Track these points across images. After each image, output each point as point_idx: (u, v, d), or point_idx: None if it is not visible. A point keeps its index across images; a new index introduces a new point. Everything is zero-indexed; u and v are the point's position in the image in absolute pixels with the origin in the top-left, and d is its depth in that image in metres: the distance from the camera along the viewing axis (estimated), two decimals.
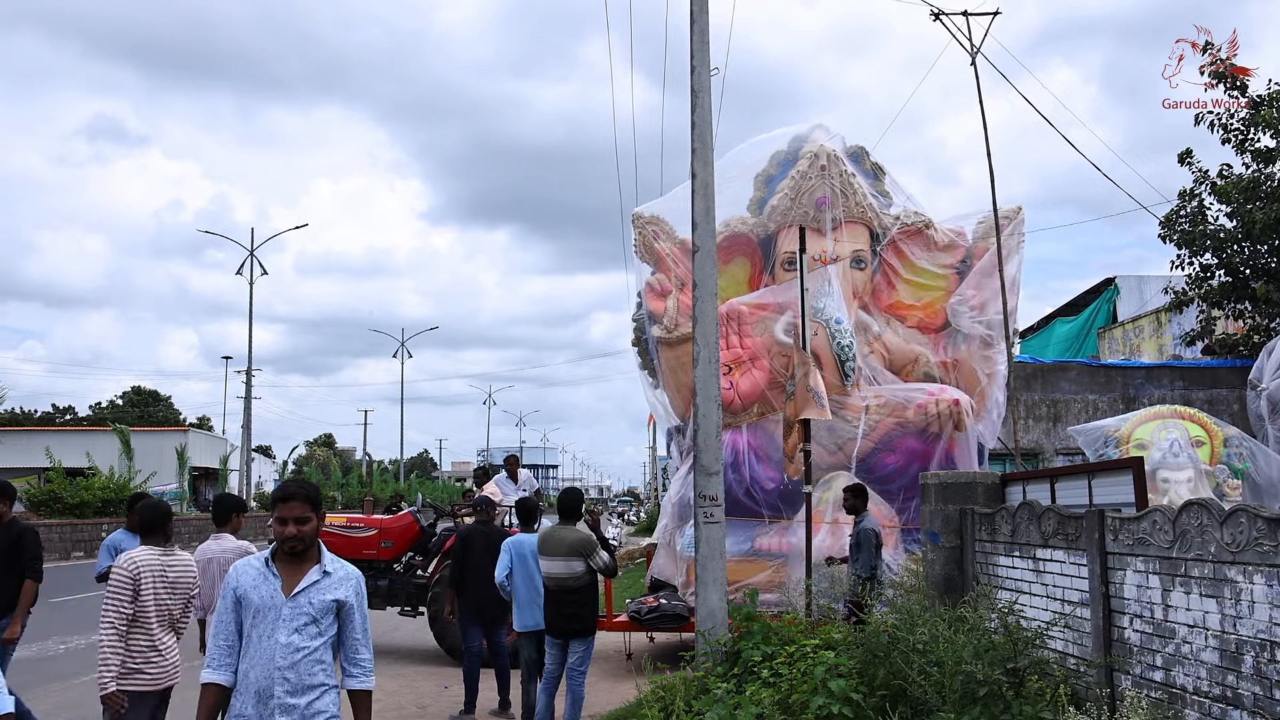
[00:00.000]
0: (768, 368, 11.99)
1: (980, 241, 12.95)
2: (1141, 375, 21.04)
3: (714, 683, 7.31)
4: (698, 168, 9.23)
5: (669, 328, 12.59)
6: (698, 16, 9.40)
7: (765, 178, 12.89)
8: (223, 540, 7.23)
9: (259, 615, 4.16)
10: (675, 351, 12.61)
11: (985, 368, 12.64)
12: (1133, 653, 5.93)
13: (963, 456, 12.01)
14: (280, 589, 4.18)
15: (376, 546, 13.20)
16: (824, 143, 12.78)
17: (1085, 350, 28.15)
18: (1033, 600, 7.30)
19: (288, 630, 4.12)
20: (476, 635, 9.73)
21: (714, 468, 8.80)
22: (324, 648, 4.20)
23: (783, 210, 12.64)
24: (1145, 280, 29.37)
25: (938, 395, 11.86)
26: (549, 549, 8.03)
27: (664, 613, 11.54)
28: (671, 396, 13.09)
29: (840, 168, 12.66)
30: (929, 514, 8.95)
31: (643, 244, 12.95)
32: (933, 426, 11.75)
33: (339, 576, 4.28)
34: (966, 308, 12.51)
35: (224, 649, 4.19)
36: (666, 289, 12.74)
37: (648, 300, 12.90)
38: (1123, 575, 6.08)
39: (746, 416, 12.03)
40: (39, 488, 34.86)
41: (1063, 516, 6.94)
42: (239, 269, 43.21)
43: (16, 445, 44.21)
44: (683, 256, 12.70)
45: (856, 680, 6.48)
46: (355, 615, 4.29)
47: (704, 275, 9.07)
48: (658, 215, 12.99)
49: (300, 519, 4.21)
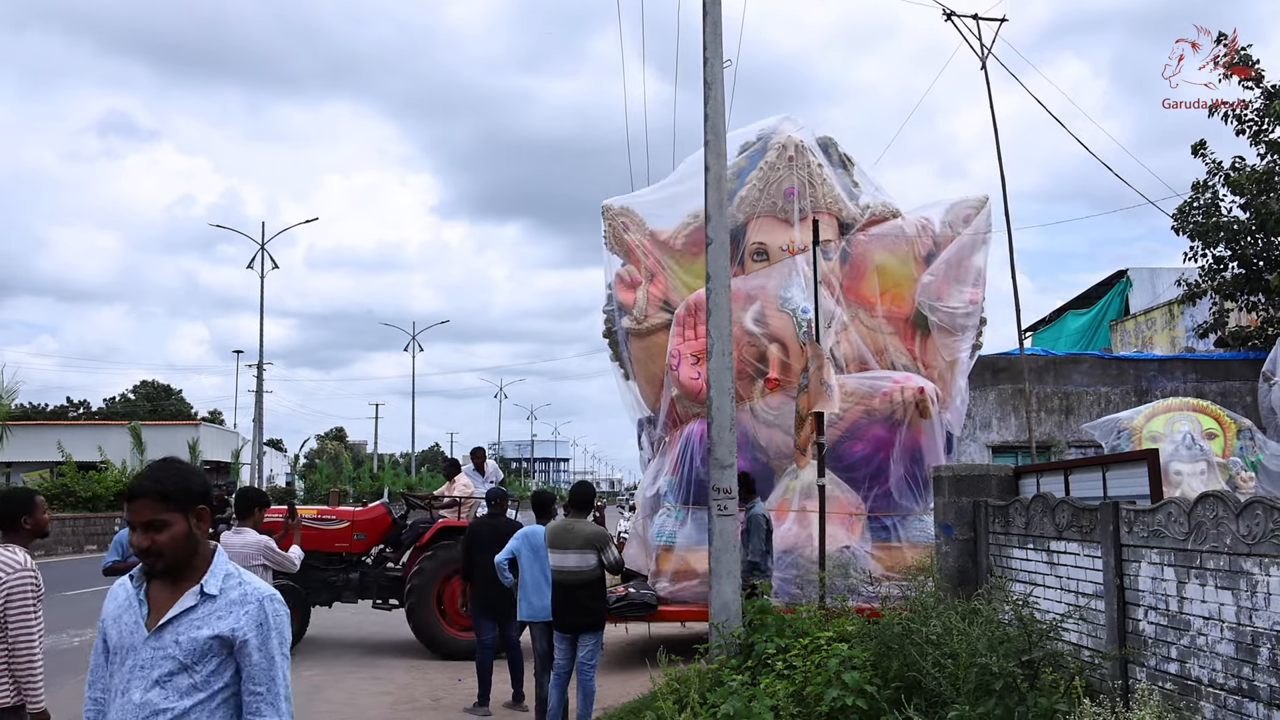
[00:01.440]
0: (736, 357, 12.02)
1: (947, 230, 12.96)
2: (1154, 368, 20.98)
3: (728, 675, 7.32)
4: (711, 160, 9.22)
5: (638, 319, 12.65)
6: (710, 8, 9.39)
7: (735, 170, 12.88)
8: (245, 534, 7.22)
9: (116, 659, 2.92)
10: (645, 342, 12.68)
11: (949, 355, 12.73)
12: (1147, 645, 5.92)
13: (929, 445, 12.08)
14: (144, 620, 2.90)
15: (349, 539, 13.08)
16: (792, 134, 12.78)
17: (1097, 343, 28.07)
18: (1046, 593, 7.30)
19: (144, 683, 2.82)
20: (489, 628, 9.76)
21: (727, 460, 8.81)
22: (202, 710, 2.82)
23: (751, 201, 12.65)
24: (1158, 273, 29.27)
25: (903, 383, 11.92)
26: (561, 542, 8.00)
27: (631, 601, 11.58)
28: (641, 388, 13.13)
29: (808, 158, 12.69)
30: (942, 506, 8.95)
31: (612, 235, 12.96)
32: (898, 414, 11.81)
33: (229, 601, 2.89)
34: (931, 296, 12.56)
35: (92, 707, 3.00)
36: (636, 280, 12.78)
37: (617, 292, 12.93)
38: (1137, 568, 6.07)
39: None
40: (52, 481, 35.01)
41: (1077, 509, 6.93)
42: (250, 263, 43.24)
43: (29, 439, 44.33)
44: (652, 248, 12.79)
45: (870, 672, 6.49)
46: (253, 657, 2.86)
47: (718, 267, 9.07)
48: (627, 207, 13.03)
49: (152, 524, 2.86)
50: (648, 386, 12.95)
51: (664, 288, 12.70)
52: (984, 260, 13.05)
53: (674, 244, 12.82)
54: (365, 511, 13.81)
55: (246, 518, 7.33)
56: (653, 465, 12.81)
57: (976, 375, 20.99)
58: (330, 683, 10.81)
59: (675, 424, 12.31)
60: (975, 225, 12.95)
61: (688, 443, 11.90)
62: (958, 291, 12.64)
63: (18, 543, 5.02)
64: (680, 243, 12.82)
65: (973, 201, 13.19)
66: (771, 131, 12.91)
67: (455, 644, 12.19)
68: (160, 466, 3.03)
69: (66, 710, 9.41)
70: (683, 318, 12.20)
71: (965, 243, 12.78)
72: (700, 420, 11.91)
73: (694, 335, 12.02)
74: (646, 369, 12.81)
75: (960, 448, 20.71)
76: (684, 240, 12.82)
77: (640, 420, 13.65)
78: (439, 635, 12.31)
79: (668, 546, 11.80)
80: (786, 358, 11.95)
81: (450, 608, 12.34)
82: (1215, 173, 20.11)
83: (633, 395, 13.43)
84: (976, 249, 12.93)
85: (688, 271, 12.73)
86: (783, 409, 11.93)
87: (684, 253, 12.80)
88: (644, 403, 13.23)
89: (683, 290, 12.55)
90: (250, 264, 43.44)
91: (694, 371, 11.89)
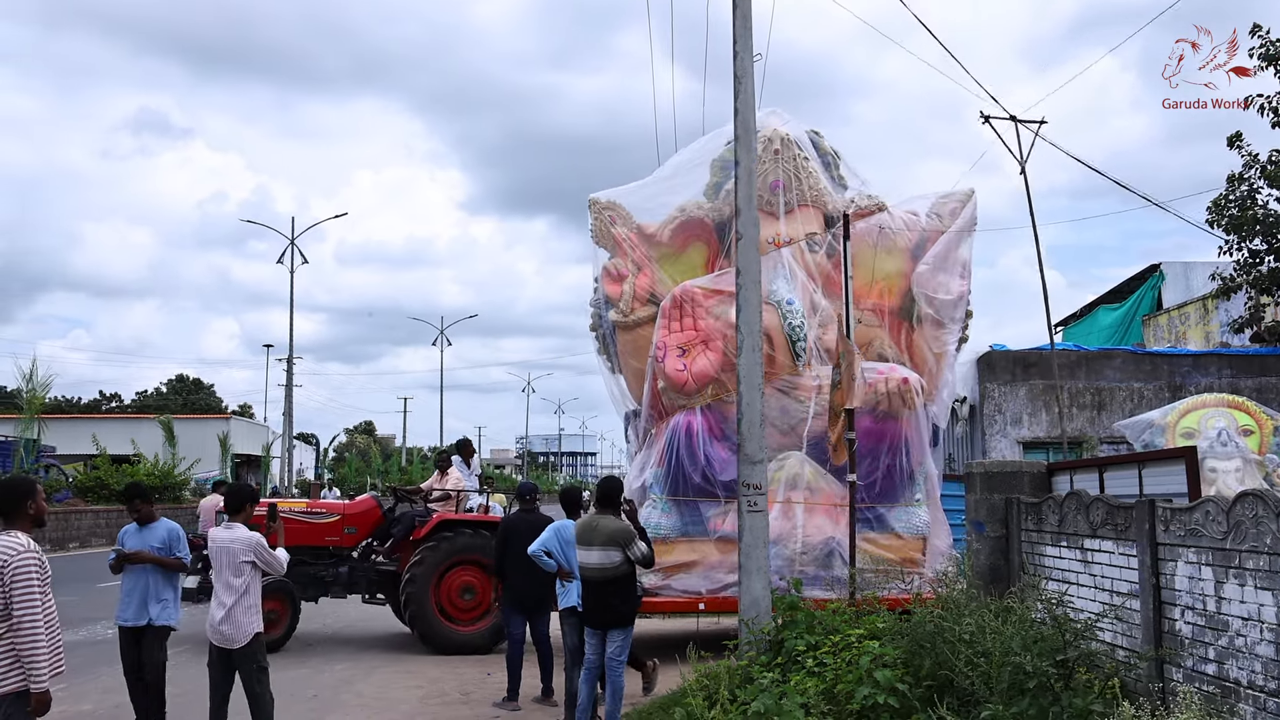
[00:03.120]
0: (721, 350, 11.98)
1: (933, 223, 12.93)
2: (1188, 363, 20.77)
3: (758, 672, 7.31)
4: (741, 155, 9.19)
5: (625, 312, 12.56)
6: (740, 2, 9.35)
7: (722, 163, 12.84)
8: (235, 529, 7.21)
9: None
10: (631, 335, 12.61)
11: (937, 348, 12.71)
12: (1184, 645, 5.86)
13: (914, 436, 12.06)
14: None
15: (340, 533, 12.91)
16: (778, 127, 12.73)
17: (1130, 338, 27.81)
18: (1080, 591, 7.23)
19: None
20: (519, 623, 9.77)
21: (758, 456, 8.77)
22: None
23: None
24: (1191, 267, 28.97)
25: (887, 374, 11.86)
26: (587, 538, 7.94)
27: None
28: (628, 380, 13.06)
29: (794, 152, 12.63)
30: (974, 503, 8.89)
31: (599, 229, 12.86)
32: (883, 405, 11.77)
33: None
34: (925, 288, 12.53)
35: None
36: (623, 274, 12.68)
37: (604, 285, 12.84)
38: (1174, 567, 6.00)
39: (701, 398, 11.98)
40: (86, 474, 35.37)
41: (1112, 506, 6.86)
42: (280, 258, 43.53)
43: (64, 432, 44.86)
44: (639, 242, 12.71)
45: (902, 670, 6.46)
46: None
47: (748, 263, 9.04)
48: (615, 201, 12.93)
49: None
50: (634, 380, 12.89)
51: (650, 281, 12.61)
52: (969, 253, 13.09)
53: (660, 237, 12.73)
54: (355, 505, 13.66)
55: (237, 513, 7.29)
56: (639, 458, 12.75)
57: (1007, 371, 20.88)
58: (360, 676, 10.87)
59: (661, 416, 12.24)
60: (962, 218, 12.96)
61: (674, 435, 11.87)
62: (946, 284, 12.65)
63: (20, 529, 5.14)
64: (667, 236, 12.73)
65: (958, 195, 13.20)
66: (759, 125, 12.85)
67: (453, 638, 12.17)
68: None
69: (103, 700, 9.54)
70: (668, 310, 12.13)
71: (952, 236, 12.82)
72: (687, 413, 11.92)
73: (679, 328, 12.04)
74: (633, 362, 12.75)
75: (990, 444, 20.59)
76: (670, 234, 12.73)
77: (627, 413, 13.57)
78: (436, 629, 12.19)
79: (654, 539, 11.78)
80: (772, 350, 11.91)
81: (446, 602, 12.24)
82: (1251, 165, 19.85)
83: (619, 388, 13.38)
84: (962, 242, 12.95)
85: (674, 265, 12.70)
86: (766, 400, 11.91)
87: (670, 246, 12.73)
88: (630, 396, 13.18)
89: (669, 283, 12.48)
90: (280, 259, 43.75)
91: (679, 364, 11.90)
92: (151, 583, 7.78)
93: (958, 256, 12.85)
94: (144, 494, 8.07)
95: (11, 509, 5.17)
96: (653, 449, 12.28)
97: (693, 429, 11.88)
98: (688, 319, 12.13)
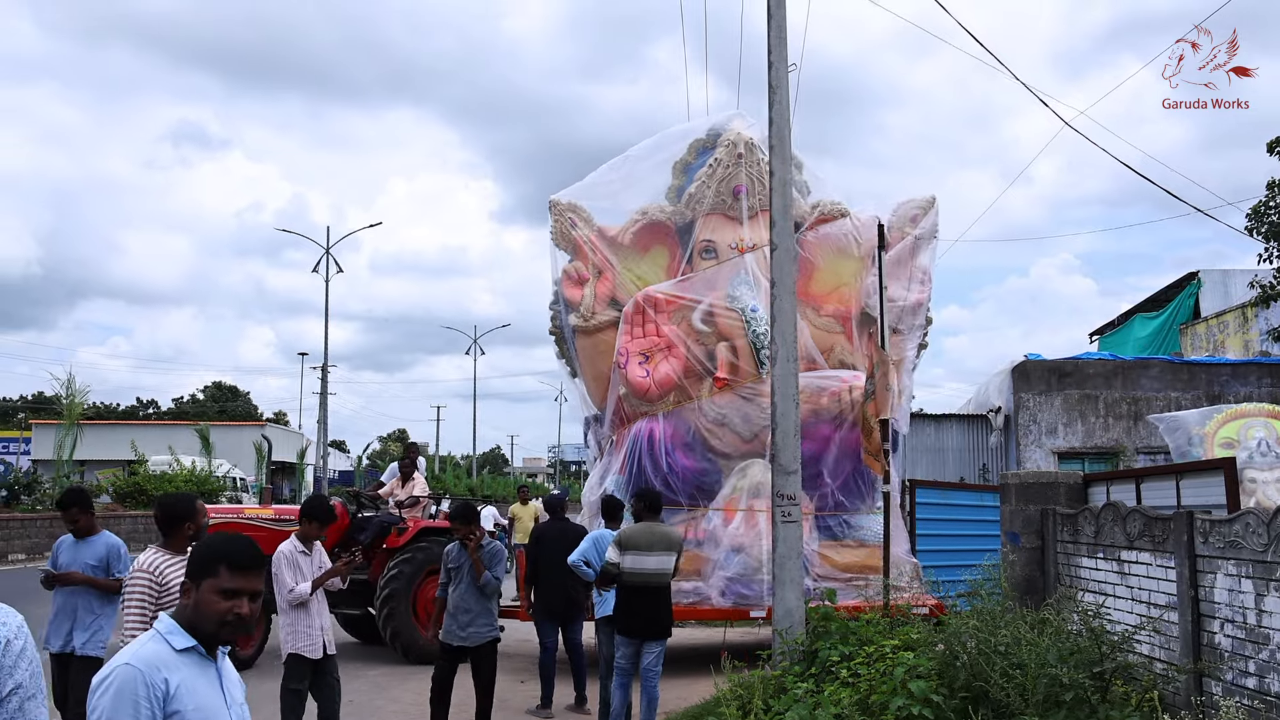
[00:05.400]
0: (684, 356, 11.93)
1: (894, 230, 12.87)
2: (1227, 372, 20.54)
3: (792, 682, 7.30)
4: (776, 165, 9.19)
5: (586, 316, 12.44)
6: (775, 12, 9.36)
7: (684, 165, 12.77)
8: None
9: None
10: (592, 340, 12.48)
11: (896, 354, 12.63)
12: (1223, 659, 5.80)
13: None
14: None
15: None
16: (742, 131, 12.66)
17: (1167, 347, 27.53)
18: (1117, 603, 7.18)
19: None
20: (551, 631, 9.79)
21: (791, 466, 8.75)
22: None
23: (700, 198, 12.52)
24: (1230, 274, 28.64)
25: (851, 382, 11.81)
26: (643, 543, 7.81)
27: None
28: (588, 385, 12.90)
29: (758, 155, 12.52)
30: (1009, 514, 8.84)
31: (559, 231, 12.71)
32: (846, 413, 11.73)
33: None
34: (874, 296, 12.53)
35: None
36: (584, 277, 12.56)
37: (564, 288, 12.69)
38: (1213, 579, 5.95)
39: (663, 405, 11.92)
40: (124, 480, 35.81)
41: (1149, 518, 6.81)
42: (315, 266, 43.87)
43: (103, 438, 45.45)
44: (600, 244, 12.59)
45: (937, 681, 6.43)
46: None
47: (782, 273, 9.03)
48: (576, 202, 12.79)
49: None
50: (594, 384, 12.74)
51: (612, 285, 12.49)
52: (930, 260, 13.07)
53: (622, 240, 12.61)
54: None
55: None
56: (600, 465, 12.62)
57: (1042, 380, 20.74)
58: (395, 682, 10.93)
59: (623, 422, 12.17)
60: (922, 225, 12.93)
61: (636, 442, 11.82)
62: (904, 291, 12.59)
63: (174, 548, 5.23)
64: (628, 239, 12.61)
65: (919, 202, 13.15)
66: (722, 127, 12.81)
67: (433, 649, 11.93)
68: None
69: None
70: (630, 315, 12.08)
71: (910, 242, 12.80)
72: (649, 419, 11.87)
73: (642, 333, 12.01)
74: (593, 367, 12.61)
75: (1025, 454, 20.45)
76: (632, 237, 12.62)
77: (587, 418, 13.35)
78: (416, 640, 11.72)
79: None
80: (735, 358, 11.88)
81: (423, 613, 11.67)
82: None
83: (579, 393, 13.21)
84: (922, 249, 12.91)
85: (635, 268, 12.59)
86: (730, 408, 11.94)
87: (632, 249, 12.63)
88: (590, 401, 13.00)
89: (631, 287, 12.39)
90: (316, 268, 44.05)
91: (642, 370, 11.87)
92: (81, 606, 6.67)
93: (917, 263, 12.86)
94: (83, 502, 6.89)
95: (170, 528, 5.32)
96: (614, 456, 12.22)
97: (655, 436, 11.83)
98: (650, 324, 12.07)
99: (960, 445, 22.15)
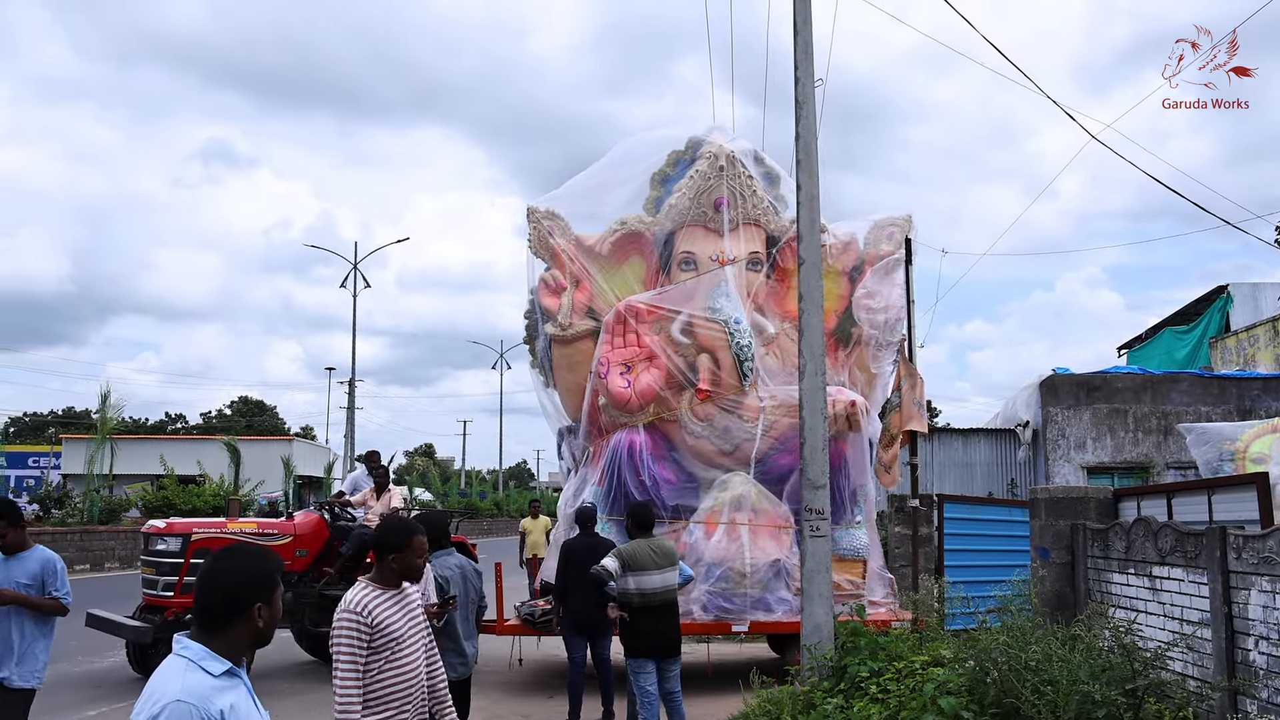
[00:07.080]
0: (665, 367, 11.90)
1: (870, 247, 12.94)
2: (1258, 386, 20.35)
3: (820, 698, 7.29)
4: (803, 179, 9.22)
5: (563, 325, 12.38)
6: (801, 29, 9.41)
7: (662, 177, 12.74)
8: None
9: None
10: (568, 350, 12.43)
11: (874, 368, 12.71)
12: (1259, 676, 5.76)
13: (855, 457, 12.03)
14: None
15: (291, 556, 11.86)
16: (723, 144, 12.65)
17: (1197, 361, 27.30)
18: (1149, 619, 7.13)
19: None
20: (580, 646, 9.79)
21: (820, 481, 8.75)
22: None
23: (680, 210, 12.50)
24: (1260, 288, 28.38)
25: (834, 396, 11.73)
26: (648, 562, 7.86)
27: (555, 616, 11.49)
28: (562, 396, 12.83)
29: (739, 169, 12.55)
30: (1039, 529, 8.80)
31: (537, 239, 12.65)
32: (831, 427, 11.66)
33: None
34: (864, 311, 12.53)
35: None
36: (561, 286, 12.50)
37: (541, 297, 12.61)
38: (1247, 595, 5.91)
39: (643, 416, 11.88)
40: (154, 494, 36.08)
41: (1181, 533, 6.77)
42: (342, 282, 44.21)
43: (133, 452, 45.80)
44: (578, 254, 12.56)
45: (967, 698, 6.40)
46: None
47: (810, 288, 9.04)
48: (554, 210, 12.75)
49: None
50: (569, 395, 12.67)
51: (589, 294, 12.46)
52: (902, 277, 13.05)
53: (600, 250, 12.59)
54: (304, 524, 12.41)
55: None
56: (576, 477, 12.55)
57: (1070, 394, 20.61)
58: None
59: (600, 434, 12.13)
60: (899, 242, 12.96)
61: (615, 453, 11.78)
62: (882, 307, 12.66)
63: (383, 581, 4.59)
64: (607, 249, 12.60)
65: (896, 219, 13.16)
66: (701, 140, 12.80)
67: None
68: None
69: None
70: (611, 325, 12.04)
71: (894, 260, 12.84)
72: (629, 430, 11.83)
73: (623, 343, 11.98)
74: (568, 377, 12.55)
75: (1054, 468, 20.31)
76: (610, 247, 12.60)
77: (560, 430, 13.25)
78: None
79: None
80: (717, 369, 11.86)
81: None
82: None
83: (552, 404, 13.10)
84: (900, 266, 12.93)
85: (613, 278, 12.57)
86: (711, 420, 11.92)
87: (609, 259, 12.61)
88: (564, 411, 12.93)
89: (608, 297, 12.36)
90: (343, 284, 44.41)
91: (623, 380, 11.83)
92: (15, 630, 6.00)
93: (895, 280, 12.89)
94: (12, 515, 6.17)
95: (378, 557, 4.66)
96: (591, 467, 12.18)
97: (635, 447, 11.79)
98: (632, 334, 12.04)
99: (988, 460, 22.03)
